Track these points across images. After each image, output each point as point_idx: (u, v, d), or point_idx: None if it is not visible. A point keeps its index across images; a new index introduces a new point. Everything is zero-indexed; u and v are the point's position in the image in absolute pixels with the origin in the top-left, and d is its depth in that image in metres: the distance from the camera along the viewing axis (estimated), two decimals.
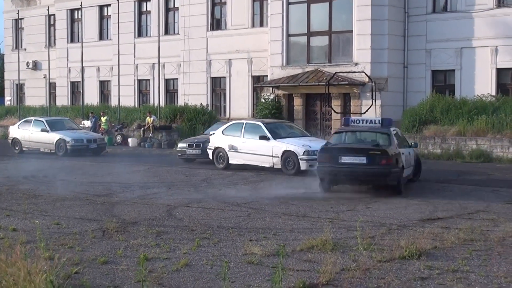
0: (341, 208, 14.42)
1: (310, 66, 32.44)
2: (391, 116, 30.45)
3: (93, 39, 44.19)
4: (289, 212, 13.89)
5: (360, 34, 30.95)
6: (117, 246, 10.48)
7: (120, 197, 16.41)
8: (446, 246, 10.24)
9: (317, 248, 10.05)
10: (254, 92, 36.73)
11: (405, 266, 9.06)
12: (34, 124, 31.43)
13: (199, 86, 38.89)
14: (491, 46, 29.87)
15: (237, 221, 12.88)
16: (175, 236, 11.28)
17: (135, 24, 42.07)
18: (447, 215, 13.41)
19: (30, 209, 14.22)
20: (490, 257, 9.53)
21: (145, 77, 41.96)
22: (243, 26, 36.90)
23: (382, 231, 11.59)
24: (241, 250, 10.12)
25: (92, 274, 8.79)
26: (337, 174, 16.60)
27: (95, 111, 39.07)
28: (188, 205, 15.01)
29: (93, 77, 44.46)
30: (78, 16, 44.88)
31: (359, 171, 16.41)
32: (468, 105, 28.37)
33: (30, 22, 49.59)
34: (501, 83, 30.13)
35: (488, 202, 15.30)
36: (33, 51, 49.18)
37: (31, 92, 49.79)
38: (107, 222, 12.31)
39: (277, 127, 23.39)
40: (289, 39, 33.39)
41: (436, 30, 31.18)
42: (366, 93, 30.51)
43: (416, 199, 15.89)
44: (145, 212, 13.98)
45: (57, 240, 10.84)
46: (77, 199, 16.05)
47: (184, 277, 8.63)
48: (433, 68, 31.64)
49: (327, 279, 8.27)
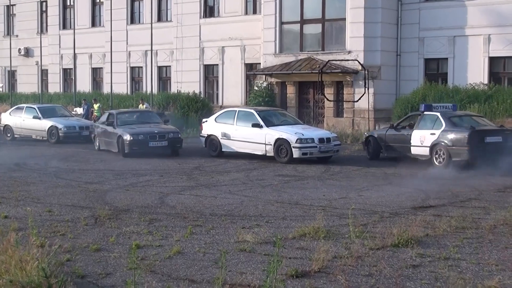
0: (334, 196, 14.45)
1: (303, 54, 32.40)
2: (384, 104, 30.64)
3: (86, 25, 44.00)
4: (281, 200, 13.91)
5: (353, 22, 30.91)
6: (109, 233, 10.48)
7: (112, 184, 16.40)
8: (438, 234, 10.27)
9: (310, 235, 10.07)
10: (247, 79, 36.68)
11: (397, 253, 9.09)
12: (26, 111, 31.33)
13: (192, 74, 38.80)
14: (483, 34, 29.88)
15: (230, 208, 12.89)
16: (167, 224, 11.29)
17: (128, 10, 41.89)
18: (439, 203, 13.46)
19: (22, 197, 14.20)
20: (481, 245, 9.57)
21: (138, 64, 41.83)
22: (236, 13, 36.79)
23: (374, 219, 11.62)
24: (233, 237, 10.14)
25: (84, 261, 8.79)
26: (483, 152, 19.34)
27: (88, 98, 38.94)
28: (181, 192, 15.02)
29: (86, 64, 44.30)
30: (71, 2, 44.65)
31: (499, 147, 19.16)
32: (461, 94, 28.41)
33: (22, 8, 49.31)
34: (493, 72, 30.16)
35: (480, 190, 15.34)
36: (25, 37, 48.94)
37: (23, 79, 49.59)
38: (99, 210, 12.31)
39: (270, 115, 23.37)
40: (282, 26, 33.33)
41: (429, 18, 31.16)
42: (359, 81, 30.51)
43: (408, 187, 15.93)
44: (138, 199, 13.98)
45: (49, 228, 10.84)
46: (69, 186, 16.03)
47: (176, 264, 8.63)
48: (426, 56, 31.64)
49: (319, 266, 8.29)
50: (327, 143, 21.52)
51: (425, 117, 21.14)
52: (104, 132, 25.11)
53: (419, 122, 21.16)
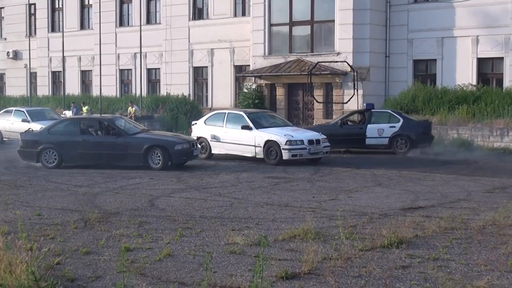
0: (323, 198, 14.47)
1: (292, 56, 32.46)
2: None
3: (74, 28, 43.90)
4: (271, 202, 13.92)
5: (342, 24, 30.99)
6: (99, 236, 10.45)
7: (102, 187, 16.37)
8: (427, 234, 10.30)
9: (299, 237, 10.08)
10: (236, 81, 36.70)
11: (387, 254, 9.11)
12: (14, 114, 31.24)
13: (181, 76, 38.78)
14: (472, 35, 30.02)
15: (220, 211, 12.89)
16: (157, 226, 11.28)
17: (117, 13, 41.83)
18: (428, 204, 13.50)
19: (11, 200, 14.13)
20: (470, 246, 9.61)
21: (127, 67, 41.76)
22: (225, 15, 36.80)
23: (363, 220, 11.64)
24: (223, 239, 10.14)
25: (74, 264, 8.77)
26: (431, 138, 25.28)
27: (77, 101, 38.86)
28: (170, 195, 15.00)
29: (75, 66, 44.19)
30: (59, 5, 44.57)
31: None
32: (449, 95, 28.56)
33: (10, 11, 49.15)
34: (481, 73, 30.32)
35: (469, 191, 15.41)
36: (13, 40, 48.76)
37: (12, 82, 49.41)
38: (89, 213, 12.27)
39: (260, 117, 23.41)
40: (271, 28, 33.38)
41: (418, 19, 31.29)
42: (348, 83, 30.59)
43: (398, 188, 15.98)
44: (127, 202, 13.96)
45: (39, 231, 10.80)
46: (58, 189, 15.99)
47: (166, 267, 8.63)
48: (414, 57, 31.77)
49: (309, 268, 8.30)
50: (316, 144, 21.58)
51: (375, 114, 25.73)
52: None
53: (371, 118, 25.46)
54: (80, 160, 20.94)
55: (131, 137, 20.77)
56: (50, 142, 21.04)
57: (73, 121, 22.83)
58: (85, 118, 23.89)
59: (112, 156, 20.60)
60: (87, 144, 20.88)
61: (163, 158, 20.11)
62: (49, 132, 21.55)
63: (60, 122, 22.85)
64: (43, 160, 21.04)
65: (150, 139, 20.86)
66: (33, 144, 21.31)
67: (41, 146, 21.06)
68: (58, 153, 20.94)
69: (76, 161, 21.03)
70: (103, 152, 20.67)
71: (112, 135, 20.84)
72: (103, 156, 20.72)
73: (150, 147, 20.29)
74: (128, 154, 20.46)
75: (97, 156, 20.76)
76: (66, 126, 22.02)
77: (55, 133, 21.42)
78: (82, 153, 20.84)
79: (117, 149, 20.50)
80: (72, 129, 21.60)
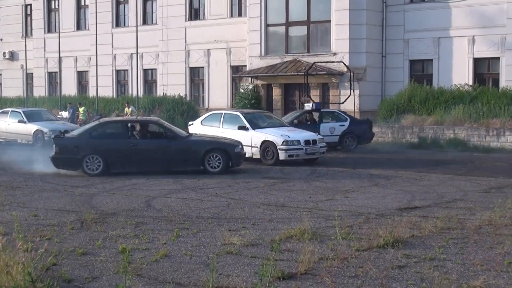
0: (320, 198, 14.48)
1: (288, 56, 32.48)
2: (369, 106, 30.73)
3: (71, 29, 43.87)
4: (268, 202, 13.92)
5: (338, 24, 31.02)
6: (95, 237, 10.44)
7: (98, 188, 16.35)
8: (424, 234, 10.32)
9: (296, 237, 10.08)
10: (233, 82, 36.70)
11: (383, 254, 9.13)
12: (11, 115, 31.18)
13: (178, 76, 38.78)
14: (468, 36, 30.08)
15: (216, 211, 12.89)
16: (154, 227, 11.27)
17: (113, 14, 41.82)
18: (424, 204, 13.52)
19: (7, 201, 14.12)
20: (466, 245, 9.62)
21: (123, 68, 41.75)
22: (222, 16, 36.82)
23: (360, 220, 11.66)
24: (220, 240, 10.14)
25: (70, 265, 8.76)
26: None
27: (73, 101, 38.84)
28: (167, 195, 15.00)
29: (71, 67, 44.18)
30: (55, 6, 44.58)
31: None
32: (446, 95, 28.60)
33: (6, 12, 49.11)
34: (478, 73, 30.38)
35: (465, 191, 15.43)
36: (9, 41, 48.75)
37: (8, 82, 49.37)
38: (86, 213, 12.26)
39: (256, 117, 23.41)
40: (267, 29, 33.40)
41: (414, 20, 31.34)
42: (344, 83, 30.61)
43: (394, 188, 16.00)
44: (124, 203, 13.95)
45: (35, 232, 10.78)
46: (55, 190, 15.97)
47: (163, 267, 8.63)
48: (411, 58, 31.82)
49: (305, 268, 8.31)
50: (313, 145, 21.60)
51: (325, 114, 26.81)
52: None
53: (322, 118, 26.44)
54: (129, 166, 19.09)
55: (187, 140, 19.66)
56: (93, 148, 18.87)
57: (119, 123, 20.57)
58: (132, 120, 21.39)
59: (167, 161, 19.17)
60: (138, 149, 19.07)
61: (224, 161, 19.18)
62: (91, 136, 19.33)
63: (102, 124, 20.30)
64: (85, 168, 18.81)
65: (209, 141, 19.85)
66: (73, 150, 18.94)
67: (83, 152, 18.83)
68: (104, 160, 18.81)
69: (124, 167, 19.08)
70: (157, 157, 19.13)
71: (164, 139, 19.39)
72: (157, 162, 19.17)
73: (210, 150, 19.29)
74: (186, 158, 19.23)
75: (150, 162, 19.12)
76: (110, 129, 20.07)
77: (98, 137, 19.32)
78: (132, 159, 19.03)
79: (173, 154, 19.13)
80: (119, 132, 19.68)
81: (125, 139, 19.31)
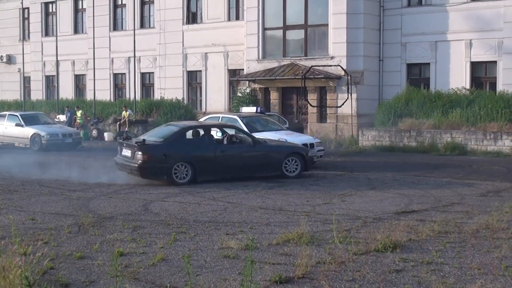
0: (317, 202, 14.48)
1: (286, 60, 32.51)
2: (367, 109, 30.78)
3: (68, 32, 43.89)
4: (265, 206, 13.92)
5: (335, 28, 31.05)
6: (93, 241, 10.43)
7: (95, 192, 16.33)
8: (421, 238, 10.32)
9: (293, 241, 10.08)
10: (230, 85, 36.73)
11: (380, 258, 9.13)
12: (8, 119, 31.14)
13: (175, 80, 38.80)
14: (465, 39, 30.14)
15: (214, 215, 12.88)
16: (151, 231, 11.26)
17: (110, 17, 41.84)
18: (422, 208, 13.52)
19: (4, 205, 14.10)
20: (464, 249, 9.63)
21: (121, 71, 41.76)
22: (219, 19, 36.85)
23: (357, 224, 11.66)
24: (217, 244, 10.13)
25: (68, 269, 8.75)
26: None
27: (70, 105, 38.82)
28: (164, 199, 14.99)
29: (68, 71, 44.16)
30: (53, 9, 44.57)
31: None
32: (443, 98, 28.61)
33: (3, 15, 49.10)
34: (475, 77, 30.43)
35: (462, 194, 15.44)
36: (7, 44, 48.74)
37: (5, 86, 49.35)
38: (83, 217, 12.25)
39: (254, 121, 23.39)
40: (265, 32, 33.43)
41: (411, 23, 31.39)
42: (342, 87, 30.64)
43: (392, 192, 16.01)
44: (121, 206, 13.94)
45: (32, 236, 10.77)
46: (52, 194, 15.95)
47: (160, 271, 8.62)
48: (408, 61, 31.86)
49: (302, 272, 8.31)
50: (310, 148, 21.56)
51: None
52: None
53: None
54: (215, 173, 18.31)
55: (267, 145, 19.35)
56: (182, 155, 17.86)
57: (202, 128, 19.34)
58: (212, 125, 20.84)
59: (251, 166, 18.79)
60: (224, 155, 18.43)
61: (301, 165, 19.24)
62: (178, 143, 18.30)
63: (184, 130, 18.96)
64: (173, 176, 17.69)
65: (289, 146, 19.78)
66: (162, 158, 17.69)
67: (173, 160, 17.73)
68: (192, 168, 17.89)
69: (211, 175, 18.24)
70: (242, 163, 18.64)
71: (248, 144, 18.99)
72: (242, 168, 18.67)
73: (289, 154, 19.22)
74: (268, 163, 18.96)
75: (236, 168, 18.55)
76: (194, 135, 18.94)
77: (184, 144, 18.44)
78: (218, 166, 18.32)
79: (257, 159, 18.83)
80: (203, 138, 18.88)
81: (211, 145, 18.71)
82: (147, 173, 17.79)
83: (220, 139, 19.33)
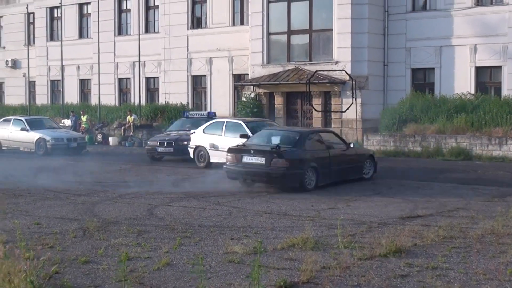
0: (322, 206, 14.48)
1: (290, 65, 32.50)
2: (371, 114, 30.76)
3: (73, 37, 43.96)
4: (270, 211, 13.92)
5: (340, 33, 31.05)
6: (98, 245, 10.45)
7: (100, 196, 16.36)
8: (426, 243, 10.31)
9: (298, 246, 10.08)
10: (235, 90, 36.73)
11: (385, 263, 9.12)
12: (13, 123, 31.21)
13: (180, 85, 38.82)
14: (470, 44, 30.09)
15: (219, 219, 12.89)
16: (156, 235, 11.27)
17: (115, 22, 41.89)
18: (427, 213, 13.51)
19: (10, 209, 14.13)
20: (469, 254, 9.62)
21: (126, 76, 41.80)
22: (224, 24, 36.88)
23: (362, 229, 11.65)
24: (222, 248, 10.14)
25: (73, 274, 8.76)
26: None
27: (75, 110, 38.88)
28: (169, 204, 15.00)
29: (73, 75, 44.22)
30: (58, 14, 44.65)
31: None
32: (448, 103, 28.56)
33: (9, 20, 49.24)
34: (480, 81, 30.36)
35: (467, 199, 15.42)
36: (12, 49, 48.85)
37: (11, 90, 49.46)
38: (88, 222, 12.27)
39: (258, 125, 23.39)
40: (269, 37, 33.43)
41: (416, 28, 31.36)
42: (346, 91, 30.62)
43: (396, 197, 15.99)
44: (126, 211, 13.95)
45: (38, 240, 10.79)
46: (57, 198, 15.98)
47: (165, 276, 8.63)
48: (413, 66, 31.82)
49: (307, 277, 8.31)
50: None
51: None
52: None
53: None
54: (330, 177, 18.16)
55: (355, 149, 19.74)
56: (311, 160, 17.53)
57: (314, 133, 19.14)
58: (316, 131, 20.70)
59: (348, 169, 19.01)
60: (338, 160, 18.53)
61: (373, 168, 20.03)
62: (305, 149, 17.93)
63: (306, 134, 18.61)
64: (304, 183, 17.25)
65: (366, 149, 20.92)
66: (298, 164, 17.24)
67: (306, 166, 17.38)
68: (316, 172, 17.58)
69: (327, 179, 18.07)
70: (347, 167, 18.96)
71: (343, 148, 19.21)
72: (348, 171, 18.99)
73: (367, 157, 20.00)
74: (355, 166, 19.37)
75: (341, 171, 18.59)
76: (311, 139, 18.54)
77: (310, 149, 18.08)
78: (332, 170, 18.17)
79: (351, 162, 19.19)
80: (319, 143, 18.66)
81: (326, 150, 18.47)
82: (289, 180, 17.31)
83: (329, 144, 19.09)
